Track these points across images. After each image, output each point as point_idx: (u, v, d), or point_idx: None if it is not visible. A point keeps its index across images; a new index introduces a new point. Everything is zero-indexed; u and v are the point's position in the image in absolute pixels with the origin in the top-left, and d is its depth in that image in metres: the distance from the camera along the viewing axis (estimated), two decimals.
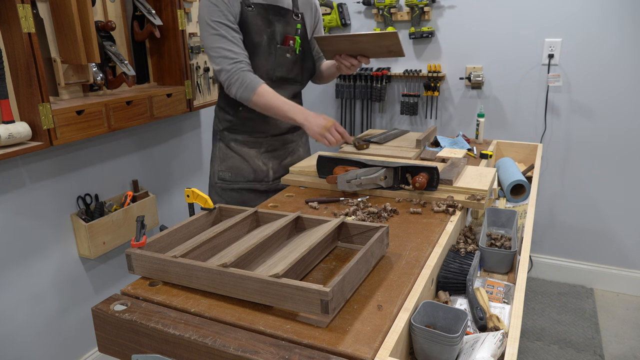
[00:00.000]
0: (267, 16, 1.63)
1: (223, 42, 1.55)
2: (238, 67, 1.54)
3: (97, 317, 0.92)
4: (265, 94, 1.53)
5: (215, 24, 1.54)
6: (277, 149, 1.81)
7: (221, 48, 1.55)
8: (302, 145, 1.92)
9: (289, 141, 1.84)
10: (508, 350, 0.82)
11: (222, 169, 1.76)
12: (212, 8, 1.54)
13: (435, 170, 1.43)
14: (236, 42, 1.56)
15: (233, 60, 1.54)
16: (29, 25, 1.57)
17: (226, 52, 1.54)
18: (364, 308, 0.90)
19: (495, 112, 2.80)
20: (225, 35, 1.55)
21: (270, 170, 1.78)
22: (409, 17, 2.79)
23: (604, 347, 2.31)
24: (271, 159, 1.79)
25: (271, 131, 1.77)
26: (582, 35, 2.50)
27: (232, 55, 1.54)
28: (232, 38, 1.55)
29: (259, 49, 1.62)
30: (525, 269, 1.08)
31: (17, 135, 1.59)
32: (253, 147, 1.76)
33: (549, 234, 2.87)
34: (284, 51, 1.67)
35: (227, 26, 1.55)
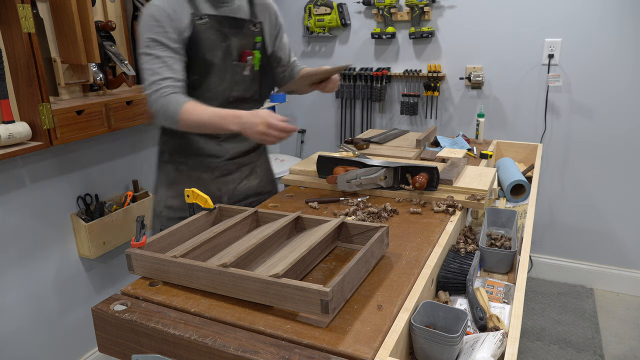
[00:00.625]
0: (221, 29, 1.44)
1: (154, 63, 1.35)
2: (160, 94, 1.34)
3: (97, 317, 0.92)
4: (192, 111, 1.33)
5: (150, 42, 1.35)
6: (231, 172, 1.59)
7: (150, 70, 1.35)
8: (260, 166, 1.69)
9: (244, 163, 1.62)
10: (508, 350, 0.82)
11: (171, 195, 1.55)
12: (150, 23, 1.35)
13: (435, 170, 1.43)
14: (170, 65, 1.35)
15: (157, 84, 1.34)
16: (29, 25, 1.57)
17: (153, 77, 1.34)
18: (364, 308, 0.90)
19: (495, 112, 2.80)
20: (159, 55, 1.35)
21: (225, 196, 1.59)
22: (409, 17, 2.79)
23: (604, 347, 2.31)
24: (225, 184, 1.58)
25: (225, 154, 1.56)
26: (582, 35, 2.50)
27: (157, 79, 1.34)
28: (167, 59, 1.35)
29: (213, 67, 1.43)
30: (525, 269, 1.08)
31: (17, 135, 1.59)
32: (205, 172, 1.55)
33: (549, 234, 2.87)
34: (241, 68, 1.49)
35: (165, 45, 1.35)
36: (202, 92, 1.45)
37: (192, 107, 1.34)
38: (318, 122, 3.30)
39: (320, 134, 3.33)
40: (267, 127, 1.27)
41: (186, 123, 1.34)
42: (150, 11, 1.35)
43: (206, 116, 1.33)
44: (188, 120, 1.33)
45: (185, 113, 1.33)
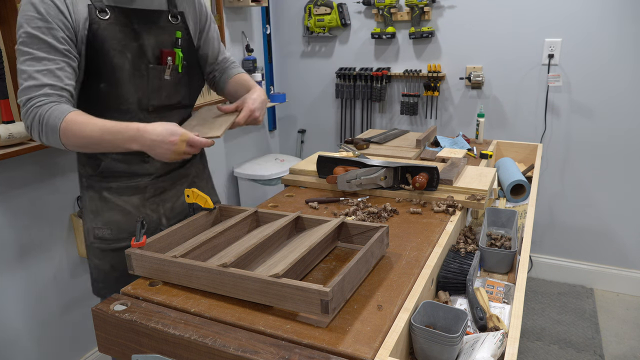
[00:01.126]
0: (129, 25, 1.17)
1: (30, 64, 1.06)
2: (35, 103, 1.06)
3: (97, 317, 0.92)
4: (75, 125, 1.06)
5: (28, 38, 1.06)
6: (166, 190, 1.36)
7: (25, 73, 1.07)
8: (199, 175, 1.48)
9: (180, 177, 1.40)
10: (508, 350, 0.82)
11: (98, 224, 1.29)
12: (30, 14, 1.06)
13: (435, 170, 1.43)
14: (52, 70, 1.07)
15: (32, 91, 1.07)
16: None
17: (28, 81, 1.06)
18: (364, 308, 0.90)
19: (495, 112, 2.80)
20: (39, 57, 1.07)
21: (163, 218, 1.36)
22: (409, 17, 2.79)
23: (604, 347, 2.31)
24: (161, 204, 1.35)
25: (154, 171, 1.32)
26: (582, 35, 2.50)
27: (33, 84, 1.06)
28: (48, 63, 1.07)
29: (122, 72, 1.17)
30: (525, 269, 1.08)
31: (17, 135, 1.59)
32: (134, 194, 1.30)
33: (549, 234, 2.87)
34: (160, 72, 1.24)
35: (48, 45, 1.07)
36: (113, 103, 1.20)
37: (76, 119, 1.06)
38: (318, 122, 3.30)
39: (320, 134, 3.33)
40: (188, 145, 1.09)
41: (70, 141, 1.07)
42: (31, 1, 1.06)
43: (94, 132, 1.06)
44: (71, 137, 1.06)
45: (67, 129, 1.05)
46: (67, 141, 1.08)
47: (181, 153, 1.10)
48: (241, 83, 1.44)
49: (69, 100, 1.11)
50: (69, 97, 1.11)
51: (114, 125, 1.08)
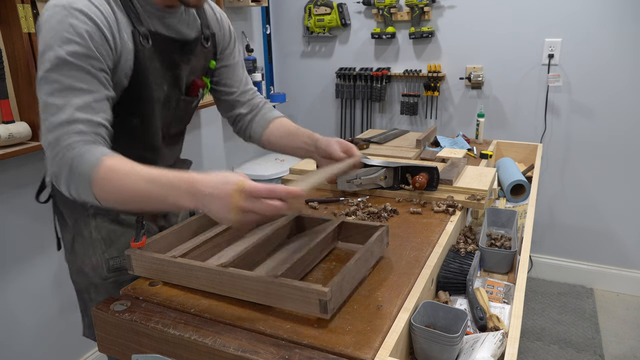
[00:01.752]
0: (169, 55, 1.04)
1: (64, 95, 0.86)
2: (66, 145, 0.85)
3: (97, 317, 0.92)
4: (113, 174, 0.84)
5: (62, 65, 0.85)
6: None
7: (54, 107, 0.86)
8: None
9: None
10: (508, 350, 0.82)
11: (113, 254, 1.12)
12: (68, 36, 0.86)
13: (435, 170, 1.43)
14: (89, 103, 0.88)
15: (62, 129, 0.86)
16: (28, 25, 1.57)
17: (56, 117, 0.85)
18: (364, 308, 0.90)
19: (495, 112, 2.80)
20: (77, 87, 0.87)
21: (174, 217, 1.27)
22: (409, 17, 2.79)
23: (604, 347, 2.31)
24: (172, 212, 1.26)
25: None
26: (582, 35, 2.50)
27: (65, 119, 0.85)
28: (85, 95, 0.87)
29: (156, 104, 1.04)
30: (525, 269, 1.08)
31: (17, 135, 1.59)
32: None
33: (549, 234, 2.87)
34: (189, 102, 1.14)
35: (86, 71, 0.88)
36: (141, 139, 1.07)
37: (114, 166, 0.85)
38: (318, 122, 3.30)
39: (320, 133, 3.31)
40: (247, 197, 0.78)
41: (106, 195, 0.86)
42: (67, 14, 0.86)
43: (138, 184, 0.84)
44: (107, 189, 0.85)
45: (103, 178, 0.84)
46: (102, 194, 0.86)
47: (241, 209, 0.78)
48: (291, 131, 1.20)
49: (104, 140, 0.90)
50: (105, 135, 0.91)
51: (162, 175, 0.84)
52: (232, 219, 0.78)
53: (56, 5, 0.87)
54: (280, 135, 1.21)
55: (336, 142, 1.11)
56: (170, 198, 0.83)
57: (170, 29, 1.04)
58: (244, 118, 1.24)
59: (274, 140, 1.21)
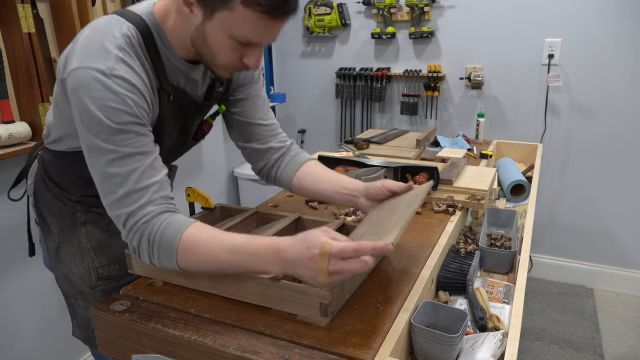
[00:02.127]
0: (187, 108, 1.07)
1: (125, 163, 0.86)
2: (142, 216, 0.86)
3: (97, 317, 0.92)
4: (196, 247, 0.85)
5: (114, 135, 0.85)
6: None
7: (119, 177, 0.86)
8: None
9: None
10: (508, 350, 0.82)
11: (103, 262, 1.12)
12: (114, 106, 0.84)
13: (435, 170, 1.43)
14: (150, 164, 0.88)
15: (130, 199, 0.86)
16: (29, 25, 1.57)
17: (126, 186, 0.86)
18: (364, 308, 0.90)
19: (495, 112, 2.80)
20: (134, 152, 0.87)
21: None
22: (409, 17, 2.79)
23: (604, 347, 2.31)
24: None
25: None
26: (582, 35, 2.50)
27: (132, 188, 0.86)
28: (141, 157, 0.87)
29: (163, 149, 1.01)
30: (525, 269, 1.08)
31: (17, 135, 1.59)
32: None
33: (549, 234, 2.87)
34: (194, 144, 1.21)
35: (138, 134, 0.88)
36: None
37: (197, 237, 0.85)
38: (318, 122, 3.30)
39: (320, 134, 3.33)
40: (334, 260, 0.76)
41: (189, 265, 0.87)
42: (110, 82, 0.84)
43: (221, 255, 0.84)
44: (191, 261, 0.87)
45: (186, 250, 0.85)
46: (185, 265, 0.87)
47: (329, 272, 0.76)
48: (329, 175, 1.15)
49: (172, 200, 0.91)
50: (171, 193, 0.91)
51: (245, 243, 0.83)
52: (321, 282, 0.78)
53: (95, 69, 0.85)
54: (314, 179, 1.15)
55: (390, 180, 1.07)
56: (255, 266, 0.83)
57: (193, 84, 1.06)
58: (269, 157, 1.19)
59: (306, 183, 1.16)
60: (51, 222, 1.13)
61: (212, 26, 0.88)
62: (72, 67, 0.87)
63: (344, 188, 1.11)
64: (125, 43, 0.89)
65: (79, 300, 1.14)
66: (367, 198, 1.07)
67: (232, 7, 0.85)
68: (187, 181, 2.62)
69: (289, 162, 1.18)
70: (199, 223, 0.88)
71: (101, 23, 0.92)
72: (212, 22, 0.88)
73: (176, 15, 0.93)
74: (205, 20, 0.88)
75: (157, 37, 0.95)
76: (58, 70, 0.95)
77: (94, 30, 0.91)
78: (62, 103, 0.96)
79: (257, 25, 0.87)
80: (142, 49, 0.92)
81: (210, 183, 2.85)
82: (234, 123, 1.20)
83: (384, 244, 0.76)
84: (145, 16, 0.94)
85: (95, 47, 0.87)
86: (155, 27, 0.95)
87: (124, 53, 0.88)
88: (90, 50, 0.87)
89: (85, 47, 0.88)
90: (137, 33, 0.91)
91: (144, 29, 0.93)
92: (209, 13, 0.87)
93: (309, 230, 0.81)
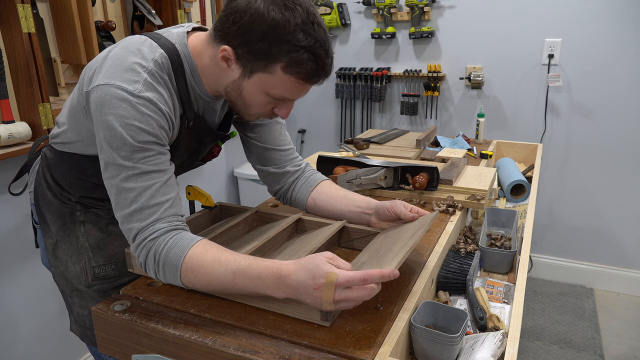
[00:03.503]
0: (203, 135, 1.10)
1: (141, 179, 0.88)
2: (151, 233, 0.88)
3: (97, 317, 0.92)
4: (200, 267, 0.86)
5: (135, 153, 0.87)
6: None
7: (134, 192, 0.88)
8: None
9: None
10: (508, 350, 0.82)
11: (100, 262, 1.12)
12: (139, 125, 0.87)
13: (435, 170, 1.43)
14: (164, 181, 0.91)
15: (146, 216, 0.88)
16: (29, 25, 1.57)
17: (140, 201, 0.88)
18: (364, 308, 0.90)
19: (495, 112, 2.80)
20: (151, 170, 0.89)
21: None
22: (409, 17, 2.79)
23: (604, 347, 2.31)
24: None
25: None
26: (582, 35, 2.50)
27: (145, 204, 0.88)
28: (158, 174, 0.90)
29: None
30: (525, 269, 1.08)
31: (17, 135, 1.59)
32: None
33: (549, 234, 2.87)
34: (204, 162, 1.24)
35: (157, 152, 0.90)
36: None
37: (201, 257, 0.86)
38: (318, 122, 3.30)
39: (320, 134, 3.33)
40: (342, 288, 0.78)
41: (193, 284, 0.89)
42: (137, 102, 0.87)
43: (225, 277, 0.85)
44: (194, 280, 0.88)
45: (190, 269, 0.87)
46: (189, 284, 0.88)
47: (334, 301, 0.78)
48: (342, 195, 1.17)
49: (182, 218, 0.93)
50: (181, 211, 0.94)
51: (248, 266, 0.84)
52: (326, 309, 0.80)
53: (122, 88, 0.86)
54: (328, 199, 1.18)
55: (401, 203, 1.09)
56: (257, 289, 0.84)
57: (211, 113, 1.08)
58: (285, 180, 1.22)
59: (321, 203, 1.19)
60: (50, 219, 1.14)
61: (249, 84, 0.92)
62: (100, 82, 0.88)
63: (357, 207, 1.14)
64: (155, 69, 0.91)
65: (75, 298, 1.16)
66: (377, 217, 1.11)
67: (273, 72, 0.89)
68: (188, 180, 2.62)
69: (303, 184, 1.21)
70: (204, 242, 0.89)
71: (134, 44, 0.93)
72: (250, 80, 0.92)
73: (210, 61, 0.96)
74: (242, 78, 0.92)
75: (187, 68, 0.97)
76: (82, 81, 0.96)
77: (126, 50, 0.92)
78: (80, 113, 0.98)
79: (294, 88, 0.93)
80: (170, 76, 0.94)
81: (210, 182, 2.85)
82: (251, 147, 1.22)
83: (391, 270, 0.78)
84: (179, 45, 0.96)
85: (125, 67, 0.89)
86: (187, 58, 0.97)
87: (153, 78, 0.90)
88: (120, 69, 0.88)
89: (115, 65, 0.89)
90: (168, 60, 0.93)
91: (175, 57, 0.95)
92: (248, 73, 0.91)
93: (312, 257, 0.81)
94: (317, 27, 0.89)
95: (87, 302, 1.13)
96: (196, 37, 0.98)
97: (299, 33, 0.87)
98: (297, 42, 0.86)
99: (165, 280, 0.90)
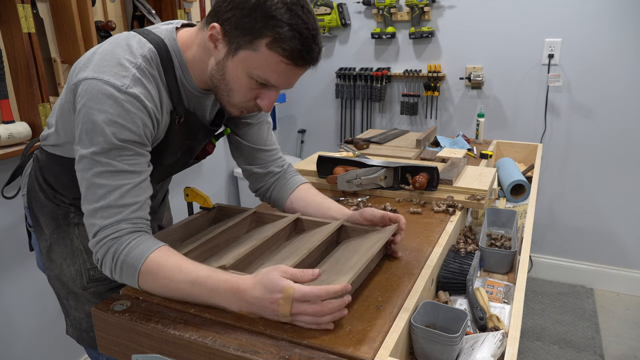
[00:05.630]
0: (196, 131, 1.09)
1: (110, 177, 0.87)
2: (112, 232, 0.87)
3: (97, 317, 0.92)
4: (159, 272, 0.86)
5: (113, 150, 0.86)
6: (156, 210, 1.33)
7: (104, 189, 0.87)
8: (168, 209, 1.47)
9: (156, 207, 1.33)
10: (508, 350, 0.82)
11: (94, 264, 1.03)
12: (122, 122, 0.86)
13: (435, 170, 1.43)
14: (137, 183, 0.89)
15: (111, 215, 0.87)
16: (29, 25, 1.57)
17: (107, 199, 0.86)
18: (364, 308, 0.90)
19: (495, 112, 2.80)
20: (126, 170, 0.88)
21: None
22: (409, 17, 2.79)
23: (604, 347, 2.31)
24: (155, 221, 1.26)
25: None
26: (582, 35, 2.50)
27: (113, 203, 0.87)
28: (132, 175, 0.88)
29: (162, 166, 1.08)
30: (525, 269, 1.08)
31: (17, 135, 1.59)
32: None
33: (549, 234, 2.87)
34: (198, 160, 1.23)
35: (135, 152, 0.89)
36: None
37: (161, 262, 0.86)
38: (318, 122, 3.30)
39: (320, 134, 3.33)
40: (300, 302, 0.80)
41: (149, 287, 0.89)
42: (123, 99, 0.86)
43: (183, 285, 0.86)
44: (151, 284, 0.88)
45: (149, 273, 0.87)
46: (146, 287, 0.89)
47: (291, 314, 0.81)
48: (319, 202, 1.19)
49: (147, 222, 0.92)
50: (148, 216, 0.93)
51: (207, 276, 0.85)
52: (283, 321, 0.83)
53: (109, 83, 0.86)
54: (305, 205, 1.20)
55: (369, 209, 1.10)
56: (214, 301, 0.86)
57: (203, 109, 1.08)
58: (267, 179, 1.24)
59: (298, 207, 1.21)
60: (43, 222, 1.13)
61: (233, 63, 0.91)
62: (87, 75, 0.87)
63: (330, 216, 1.16)
64: (144, 64, 0.90)
65: (71, 301, 1.15)
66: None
67: (257, 48, 0.88)
68: (187, 181, 2.62)
69: (283, 186, 1.23)
70: (166, 248, 0.89)
71: (122, 40, 0.93)
72: (235, 59, 0.91)
73: (198, 48, 0.96)
74: (227, 57, 0.91)
75: (177, 62, 0.97)
76: (70, 76, 0.95)
77: (115, 45, 0.91)
78: (68, 112, 0.97)
79: (277, 69, 0.90)
80: (160, 71, 0.94)
81: (210, 183, 2.85)
82: (237, 145, 1.22)
83: (343, 286, 0.81)
84: (167, 40, 0.96)
85: (113, 62, 0.88)
86: (176, 53, 0.97)
87: (142, 74, 0.89)
88: (108, 64, 0.88)
89: (103, 60, 0.89)
90: (157, 56, 0.93)
91: (164, 52, 0.94)
92: (233, 50, 0.90)
93: (266, 272, 0.82)
94: (306, 12, 0.88)
95: (83, 304, 1.13)
96: (185, 32, 0.99)
97: (287, 12, 0.86)
98: (283, 18, 0.86)
99: (121, 280, 0.90)
